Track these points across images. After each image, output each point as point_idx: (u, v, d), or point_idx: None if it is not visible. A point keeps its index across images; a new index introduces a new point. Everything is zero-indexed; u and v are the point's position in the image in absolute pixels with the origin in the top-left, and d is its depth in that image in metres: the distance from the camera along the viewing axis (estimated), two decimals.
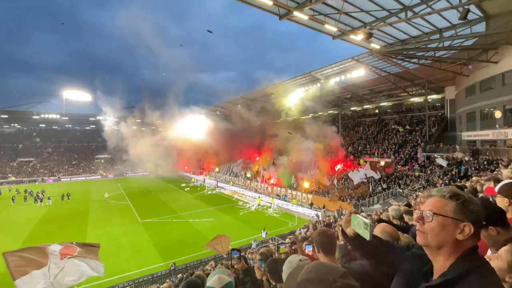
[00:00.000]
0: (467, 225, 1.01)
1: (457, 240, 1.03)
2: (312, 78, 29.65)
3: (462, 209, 1.03)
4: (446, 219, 1.04)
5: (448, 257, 1.05)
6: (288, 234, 17.95)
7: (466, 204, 1.03)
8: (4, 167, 53.53)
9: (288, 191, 29.75)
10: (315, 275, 0.86)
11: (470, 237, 1.02)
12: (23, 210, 28.65)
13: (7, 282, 6.42)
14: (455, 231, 1.02)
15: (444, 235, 1.04)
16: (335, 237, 2.30)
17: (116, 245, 18.00)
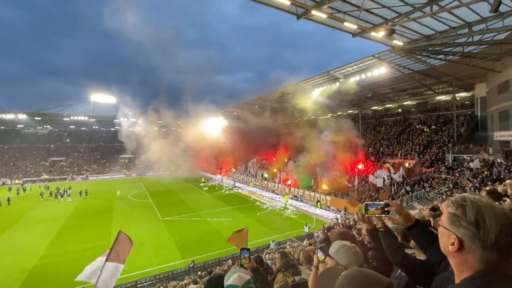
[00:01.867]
0: (455, 239, 0.90)
1: (457, 254, 0.90)
2: (331, 77, 29.08)
3: (453, 220, 0.92)
4: (442, 228, 0.97)
5: (458, 274, 0.93)
6: (306, 236, 17.75)
7: (460, 215, 0.90)
8: (38, 166, 57.57)
9: (306, 193, 29.39)
10: (357, 285, 0.78)
11: (474, 258, 0.86)
12: (54, 206, 30.66)
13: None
14: (448, 242, 0.93)
15: (442, 244, 0.96)
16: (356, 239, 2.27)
17: (138, 241, 18.72)
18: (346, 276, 0.84)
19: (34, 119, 58.07)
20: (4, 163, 55.48)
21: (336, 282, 0.84)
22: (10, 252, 17.09)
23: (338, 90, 31.15)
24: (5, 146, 59.55)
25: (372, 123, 37.80)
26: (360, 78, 26.66)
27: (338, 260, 1.96)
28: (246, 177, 42.94)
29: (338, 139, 30.82)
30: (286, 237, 18.30)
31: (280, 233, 19.55)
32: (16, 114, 53.77)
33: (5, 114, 53.06)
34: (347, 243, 2.08)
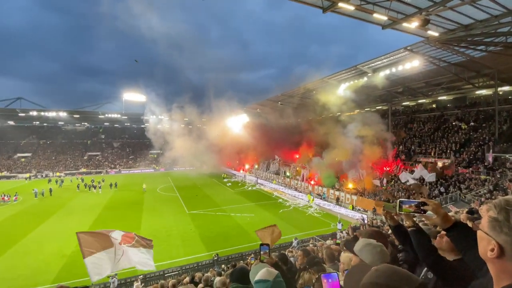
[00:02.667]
0: (495, 245, 0.82)
1: (497, 261, 0.83)
2: (359, 71, 27.94)
3: (494, 225, 0.84)
4: (481, 232, 0.89)
5: (497, 281, 0.86)
6: (330, 235, 17.41)
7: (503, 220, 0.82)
8: (77, 160, 62.43)
9: (330, 191, 28.74)
10: (386, 281, 0.76)
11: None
12: (90, 197, 33.11)
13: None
14: (487, 248, 0.85)
15: (480, 249, 0.89)
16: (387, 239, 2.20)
17: (167, 232, 19.66)
18: (376, 270, 0.82)
19: (73, 117, 63.02)
20: (47, 157, 60.89)
21: (366, 275, 0.83)
22: (51, 238, 18.79)
23: (366, 85, 29.88)
24: (48, 142, 65.28)
25: (403, 120, 35.80)
26: (390, 72, 25.30)
27: (363, 258, 1.91)
28: (269, 174, 42.98)
29: (365, 136, 29.65)
30: (309, 235, 18.10)
31: (303, 231, 19.37)
32: (57, 112, 58.72)
33: (48, 112, 58.13)
34: (373, 241, 2.01)
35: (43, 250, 16.73)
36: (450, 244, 1.92)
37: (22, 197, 32.18)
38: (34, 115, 58.49)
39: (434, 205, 1.62)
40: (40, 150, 62.30)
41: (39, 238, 18.95)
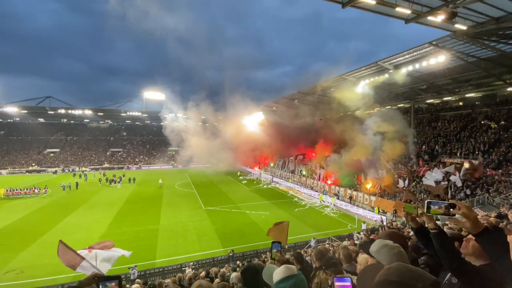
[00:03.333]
0: None
1: None
2: (379, 68, 26.98)
3: None
4: None
5: None
6: (347, 236, 17.08)
7: None
8: (100, 156, 65.43)
9: (348, 191, 28.12)
10: (399, 278, 0.74)
11: None
12: (113, 191, 34.62)
13: None
14: None
15: None
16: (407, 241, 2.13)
17: (183, 227, 20.17)
18: (388, 268, 0.80)
19: (97, 114, 66.00)
20: (73, 152, 64.31)
21: (378, 273, 0.81)
22: (77, 229, 19.89)
23: (387, 82, 28.84)
24: (74, 138, 68.89)
25: (427, 118, 34.20)
26: (413, 68, 24.22)
27: (379, 260, 1.84)
28: (284, 172, 42.77)
29: (385, 135, 28.70)
30: (325, 235, 17.86)
31: (319, 231, 19.15)
32: (83, 110, 61.71)
33: (75, 110, 61.23)
34: (390, 242, 1.95)
35: (69, 240, 17.67)
36: (477, 249, 1.82)
37: (51, 190, 34.26)
38: (62, 112, 61.84)
39: (465, 208, 1.55)
40: (67, 146, 65.93)
41: (66, 229, 20.12)
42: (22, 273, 13.40)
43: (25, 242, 17.22)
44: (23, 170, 54.80)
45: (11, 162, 56.51)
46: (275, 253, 2.65)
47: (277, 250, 2.67)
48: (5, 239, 17.72)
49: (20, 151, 60.50)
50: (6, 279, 12.81)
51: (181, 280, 6.64)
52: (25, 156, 59.32)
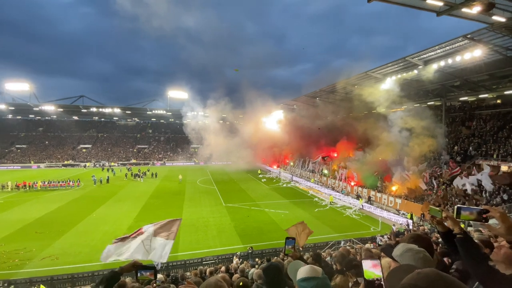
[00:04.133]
0: None
1: None
2: (408, 64, 25.63)
3: None
4: None
5: None
6: (370, 238, 16.52)
7: None
8: (128, 152, 68.80)
9: (372, 193, 27.15)
10: (427, 285, 0.70)
11: None
12: (139, 185, 36.28)
13: None
14: None
15: None
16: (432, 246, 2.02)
17: (204, 223, 20.67)
18: (419, 272, 0.74)
19: (125, 113, 69.49)
20: (103, 148, 68.23)
21: (407, 276, 0.77)
22: (106, 220, 21.10)
23: (416, 78, 27.39)
24: (104, 135, 73.03)
25: (460, 117, 31.98)
26: (445, 63, 22.72)
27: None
28: (305, 171, 42.23)
29: (413, 134, 27.28)
30: (346, 237, 17.40)
31: (340, 233, 18.70)
32: (112, 109, 65.24)
33: (105, 108, 64.88)
34: (414, 246, 1.85)
35: (99, 231, 18.91)
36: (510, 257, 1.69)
37: (83, 183, 36.65)
38: (93, 111, 65.94)
39: (500, 214, 1.44)
40: (98, 142, 70.09)
41: (96, 220, 21.44)
42: (57, 259, 14.50)
43: (60, 231, 18.60)
44: (59, 164, 59.15)
45: (48, 157, 61.22)
46: (289, 249, 2.65)
47: (291, 246, 2.66)
48: (42, 228, 19.26)
49: (57, 146, 65.33)
50: (42, 264, 13.93)
51: (202, 273, 6.82)
52: (61, 151, 63.95)
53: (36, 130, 68.98)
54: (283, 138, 48.39)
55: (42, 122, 71.26)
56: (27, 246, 15.86)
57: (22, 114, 68.56)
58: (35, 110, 63.35)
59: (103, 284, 2.31)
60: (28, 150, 62.27)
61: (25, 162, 57.64)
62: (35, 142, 65.36)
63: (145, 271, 2.29)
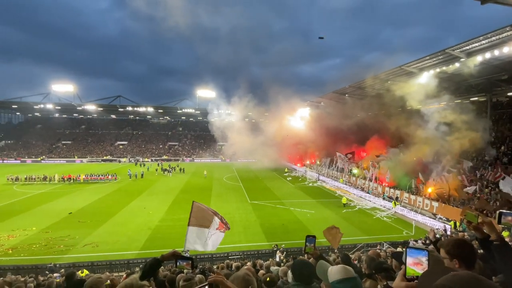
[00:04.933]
0: None
1: None
2: (448, 56, 23.63)
3: None
4: None
5: None
6: (402, 243, 15.64)
7: None
8: (160, 149, 72.41)
9: (405, 195, 25.65)
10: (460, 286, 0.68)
11: None
12: (169, 180, 38.05)
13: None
14: None
15: None
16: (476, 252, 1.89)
17: (230, 219, 20.96)
18: (454, 274, 0.71)
19: (157, 111, 73.16)
20: (138, 145, 72.54)
21: (442, 277, 0.74)
22: (140, 213, 22.45)
23: (457, 72, 25.20)
24: (139, 133, 77.56)
25: (508, 114, 28.87)
26: (491, 55, 20.61)
27: None
28: (332, 171, 41.11)
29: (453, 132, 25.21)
30: (376, 240, 16.68)
31: (369, 235, 17.98)
32: (146, 108, 69.05)
33: (139, 107, 68.86)
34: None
35: (133, 222, 20.21)
36: None
37: (120, 177, 39.33)
38: (129, 110, 70.40)
39: None
40: (133, 139, 74.70)
41: (131, 211, 22.93)
42: (97, 247, 15.78)
43: (100, 221, 20.20)
44: (99, 159, 64.13)
45: (89, 152, 66.64)
46: (309, 248, 2.62)
47: (312, 244, 2.63)
48: (84, 217, 21.06)
49: (97, 142, 70.83)
50: (84, 251, 15.25)
51: (228, 267, 7.01)
52: (100, 147, 69.23)
53: (79, 128, 75.45)
54: (309, 136, 47.49)
55: (84, 120, 77.66)
56: (70, 234, 17.48)
57: (67, 113, 75.39)
58: (78, 109, 69.39)
59: (146, 269, 2.52)
60: (72, 146, 68.33)
61: (70, 157, 63.35)
62: (78, 138, 71.51)
63: (183, 261, 2.44)
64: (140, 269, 2.49)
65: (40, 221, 19.82)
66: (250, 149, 54.13)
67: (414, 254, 1.35)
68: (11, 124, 76.10)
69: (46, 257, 13.86)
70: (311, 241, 2.62)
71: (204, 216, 5.62)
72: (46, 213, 21.76)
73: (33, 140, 68.00)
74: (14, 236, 16.87)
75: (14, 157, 60.75)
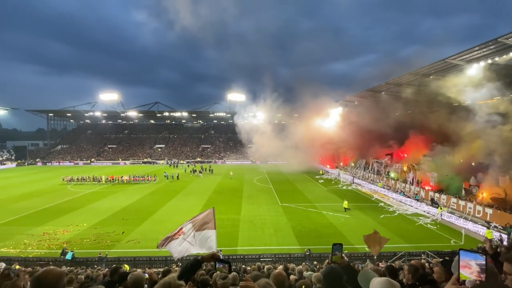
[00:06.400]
0: None
1: None
2: (501, 46, 21.07)
3: None
4: None
5: None
6: (450, 253, 14.23)
7: None
8: (194, 151, 75.50)
9: (452, 200, 23.35)
10: None
11: None
12: (203, 181, 39.39)
13: None
14: None
15: None
16: None
17: (261, 221, 21.14)
18: None
19: (191, 116, 76.60)
20: (174, 148, 76.46)
21: None
22: (176, 212, 23.56)
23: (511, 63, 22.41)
24: (175, 136, 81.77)
25: None
26: None
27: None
28: (368, 173, 39.02)
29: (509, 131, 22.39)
30: (419, 248, 15.41)
31: (411, 243, 16.68)
32: (181, 112, 72.80)
33: (175, 112, 72.83)
34: None
35: (171, 220, 21.27)
36: None
37: (158, 178, 41.77)
38: (166, 115, 74.89)
39: None
40: (170, 142, 78.98)
41: (168, 210, 24.20)
42: (139, 243, 16.90)
43: (141, 219, 21.64)
44: (140, 161, 68.86)
45: (132, 155, 71.91)
46: (336, 256, 2.48)
47: (339, 252, 2.49)
48: (128, 215, 22.72)
49: (138, 146, 76.22)
50: (127, 246, 16.44)
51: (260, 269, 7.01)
52: (141, 150, 74.34)
53: (122, 132, 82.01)
54: (343, 136, 45.66)
55: (127, 126, 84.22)
56: (115, 230, 18.98)
57: (112, 119, 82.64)
58: (122, 115, 75.65)
59: (187, 269, 2.60)
60: (117, 149, 74.41)
61: (115, 159, 69.05)
62: (122, 142, 77.69)
63: (222, 264, 2.49)
64: (181, 268, 2.59)
65: (90, 217, 21.87)
66: (280, 151, 53.73)
67: (467, 256, 1.31)
68: (66, 130, 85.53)
69: (95, 251, 15.21)
70: (338, 249, 2.49)
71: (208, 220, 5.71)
72: (95, 211, 23.95)
73: (84, 144, 75.57)
74: (68, 231, 18.83)
75: (68, 160, 68.05)
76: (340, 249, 2.50)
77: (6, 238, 17.38)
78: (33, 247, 16.21)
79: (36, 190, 32.96)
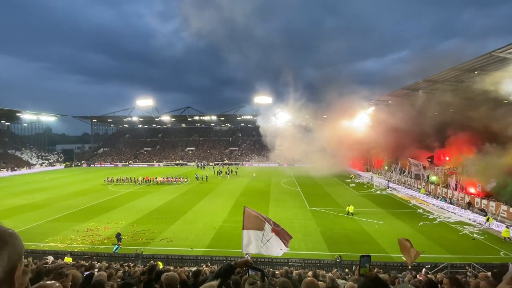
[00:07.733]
0: None
1: None
2: None
3: None
4: None
5: None
6: (499, 266, 12.81)
7: None
8: (222, 153, 77.24)
9: (502, 208, 20.99)
10: None
11: None
12: (231, 183, 40.06)
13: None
14: None
15: None
16: None
17: (289, 224, 20.83)
18: None
19: (220, 119, 78.66)
20: (204, 150, 78.92)
21: None
22: (205, 213, 24.21)
23: None
24: (205, 139, 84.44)
25: None
26: None
27: None
28: (405, 177, 36.61)
29: None
30: (463, 260, 14.07)
31: (454, 254, 15.30)
32: (210, 116, 75.08)
33: (204, 116, 75.32)
34: None
35: (200, 220, 21.96)
36: None
37: (189, 179, 43.37)
38: (196, 119, 77.82)
39: None
40: (200, 145, 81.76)
41: (198, 211, 24.98)
42: (171, 242, 17.68)
43: (173, 218, 22.61)
44: (173, 163, 72.18)
45: (165, 157, 75.66)
46: (364, 269, 2.34)
47: (368, 265, 2.35)
48: (161, 214, 23.88)
49: (171, 149, 80.00)
50: (160, 244, 17.25)
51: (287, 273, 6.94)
52: (173, 153, 77.89)
53: (157, 136, 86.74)
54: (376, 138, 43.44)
55: (161, 130, 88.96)
56: (150, 228, 20.06)
57: (147, 124, 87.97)
58: (156, 120, 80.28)
59: (221, 274, 2.57)
60: (152, 152, 78.83)
61: (150, 162, 73.24)
62: (156, 145, 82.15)
63: (255, 271, 2.42)
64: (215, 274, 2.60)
65: (128, 216, 23.39)
66: (308, 153, 52.60)
67: None
68: (107, 134, 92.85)
69: (132, 247, 16.23)
70: (366, 261, 2.36)
71: (255, 220, 5.77)
72: (132, 210, 25.57)
73: (123, 147, 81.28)
74: (109, 228, 20.32)
75: (109, 162, 73.68)
76: (369, 261, 2.39)
77: (55, 233, 19.24)
78: (78, 242, 17.76)
79: (81, 190, 36.13)
